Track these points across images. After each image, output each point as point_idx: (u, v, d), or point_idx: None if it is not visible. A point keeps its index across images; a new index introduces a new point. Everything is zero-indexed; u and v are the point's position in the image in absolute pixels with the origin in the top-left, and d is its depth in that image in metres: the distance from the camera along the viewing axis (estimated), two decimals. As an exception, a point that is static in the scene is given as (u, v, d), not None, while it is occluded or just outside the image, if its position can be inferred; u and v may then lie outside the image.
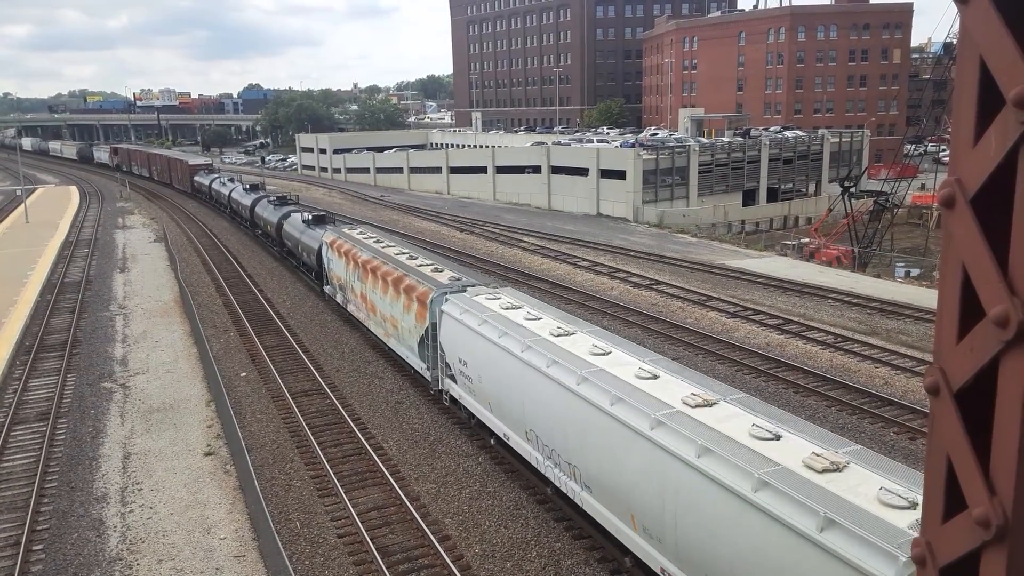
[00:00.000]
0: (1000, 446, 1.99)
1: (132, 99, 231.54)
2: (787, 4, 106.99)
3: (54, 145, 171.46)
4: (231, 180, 65.43)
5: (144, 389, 26.40)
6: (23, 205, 70.42)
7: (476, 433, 21.57)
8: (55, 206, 78.03)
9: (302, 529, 17.22)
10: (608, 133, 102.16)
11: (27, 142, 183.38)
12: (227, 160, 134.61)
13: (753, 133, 76.63)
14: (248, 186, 59.19)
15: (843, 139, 77.25)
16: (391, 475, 19.30)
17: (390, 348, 27.24)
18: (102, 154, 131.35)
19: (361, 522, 17.09)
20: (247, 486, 18.93)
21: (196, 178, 77.29)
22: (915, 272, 46.80)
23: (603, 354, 16.17)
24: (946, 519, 2.23)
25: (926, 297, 34.26)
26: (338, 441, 21.63)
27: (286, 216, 44.68)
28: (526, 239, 52.66)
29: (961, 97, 2.09)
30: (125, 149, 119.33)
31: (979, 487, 2.03)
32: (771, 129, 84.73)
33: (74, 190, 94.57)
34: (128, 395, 25.91)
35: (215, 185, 68.71)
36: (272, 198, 51.29)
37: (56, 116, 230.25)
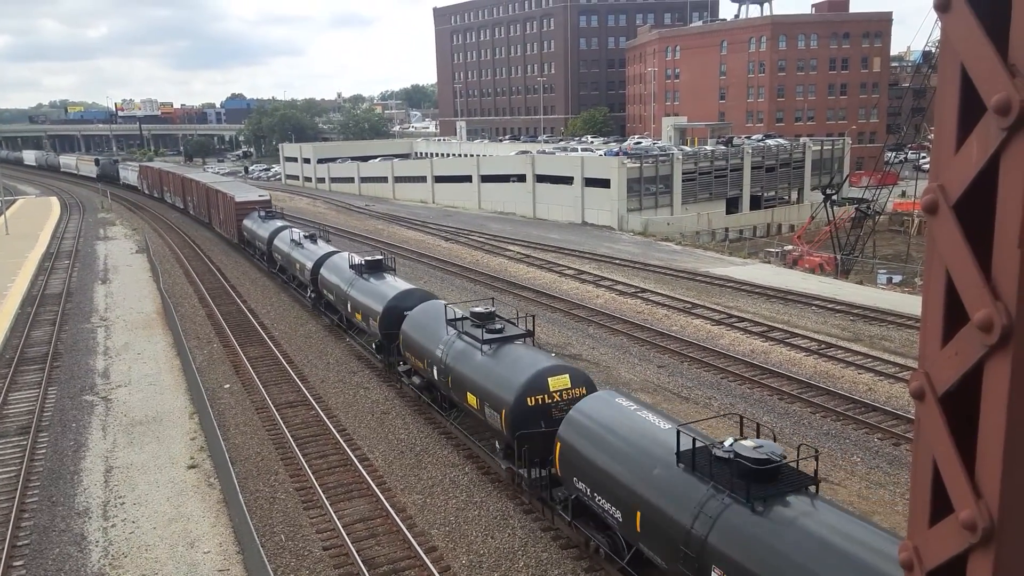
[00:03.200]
0: (985, 449, 2.01)
1: (114, 109, 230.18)
2: (768, 14, 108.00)
3: (67, 160, 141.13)
4: (312, 239, 38.28)
5: (126, 402, 26.12)
6: (3, 217, 69.68)
7: (462, 443, 21.50)
8: (35, 217, 77.29)
9: (287, 542, 17.07)
10: (592, 142, 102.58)
11: (31, 155, 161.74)
12: (209, 170, 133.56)
13: (736, 141, 77.16)
14: (363, 262, 29.84)
15: (824, 147, 77.95)
16: (377, 486, 19.18)
17: None
18: (129, 173, 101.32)
19: (347, 534, 16.97)
20: (231, 499, 18.76)
21: (246, 223, 49.35)
22: (897, 278, 47.23)
23: None
24: (933, 523, 2.24)
25: (908, 303, 34.54)
26: (323, 452, 21.48)
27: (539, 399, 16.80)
28: (511, 248, 52.67)
29: (943, 104, 2.12)
30: (156, 170, 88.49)
31: (965, 490, 2.05)
32: (753, 137, 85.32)
33: (55, 201, 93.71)
34: (110, 408, 25.63)
35: (282, 244, 40.83)
36: (463, 318, 21.18)
37: (36, 127, 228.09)
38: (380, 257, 30.48)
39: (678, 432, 12.82)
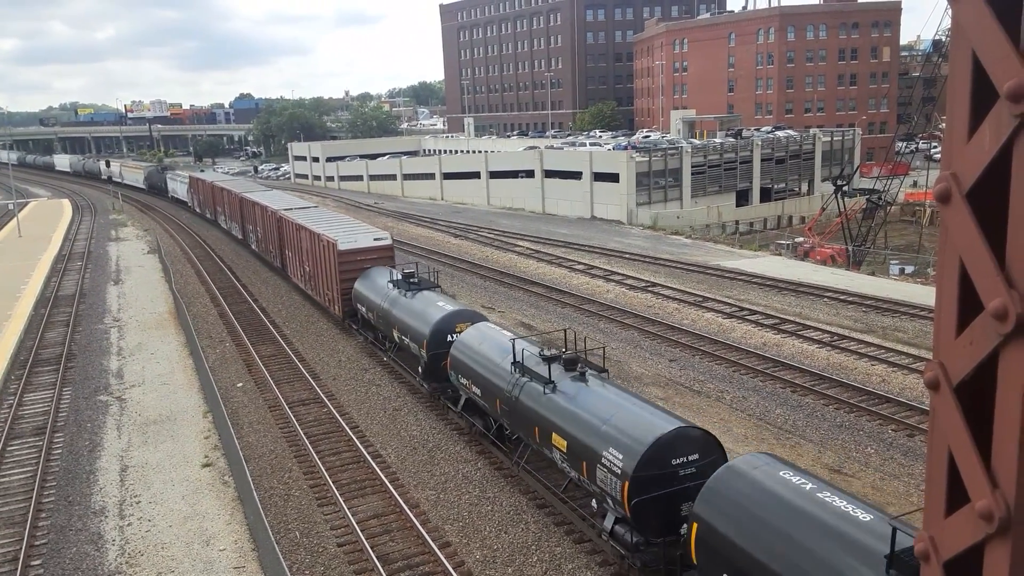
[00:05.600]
0: (1001, 439, 1.99)
1: (123, 111, 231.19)
2: (776, 4, 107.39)
3: (109, 167, 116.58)
4: (567, 363, 17.33)
5: (140, 401, 26.29)
6: (15, 219, 70.18)
7: (475, 439, 21.56)
8: (48, 220, 77.80)
9: (302, 539, 17.15)
10: (600, 136, 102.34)
11: (64, 160, 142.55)
12: (220, 170, 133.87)
13: (745, 133, 76.79)
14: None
15: (835, 138, 77.48)
16: (390, 482, 19.25)
17: None
18: (178, 185, 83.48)
19: (361, 530, 17.04)
20: (246, 496, 18.86)
21: (361, 289, 30.19)
22: (909, 269, 46.95)
23: None
24: (949, 513, 2.23)
25: (921, 294, 34.35)
26: (336, 449, 21.57)
27: None
28: (521, 244, 52.65)
29: (954, 92, 2.10)
30: (207, 185, 67.80)
31: (981, 480, 2.04)
32: (763, 129, 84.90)
33: (67, 203, 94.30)
34: (124, 408, 25.81)
35: (485, 369, 19.80)
36: None
37: (47, 129, 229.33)
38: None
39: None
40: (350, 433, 22.39)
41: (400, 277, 28.05)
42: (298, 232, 37.56)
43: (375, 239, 33.13)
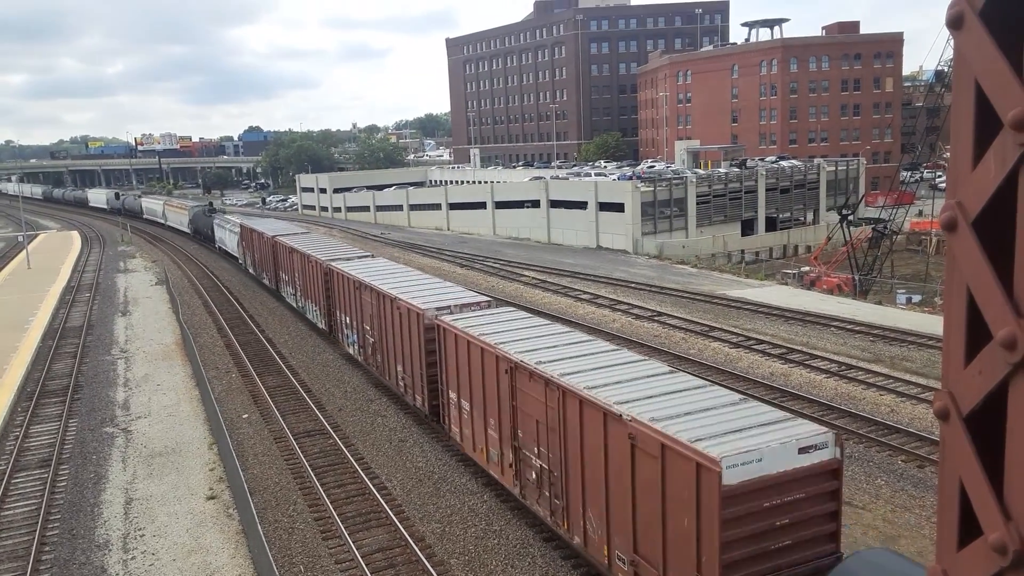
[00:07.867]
0: (1013, 470, 1.97)
1: (134, 144, 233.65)
2: (778, 36, 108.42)
3: (152, 205, 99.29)
4: None
5: (146, 433, 26.23)
6: (25, 251, 70.65)
7: (481, 470, 21.40)
8: (57, 252, 78.30)
9: (306, 573, 16.98)
10: (605, 166, 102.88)
11: (100, 196, 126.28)
12: (228, 202, 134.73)
13: (749, 163, 77.14)
14: None
15: (839, 167, 77.76)
16: (395, 515, 19.08)
17: None
18: (226, 235, 64.21)
19: (366, 564, 16.86)
20: (250, 530, 18.71)
21: None
22: (916, 298, 46.77)
23: None
24: (961, 546, 2.19)
25: (929, 323, 34.18)
26: (341, 482, 21.43)
27: None
28: (527, 273, 52.72)
29: (958, 121, 2.11)
30: (268, 240, 47.49)
31: (994, 512, 2.01)
32: (767, 159, 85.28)
33: (75, 235, 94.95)
34: (130, 440, 25.73)
35: None
36: None
37: (58, 162, 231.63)
38: None
39: None
40: (355, 465, 22.25)
41: None
42: (530, 380, 16.68)
43: (802, 446, 12.21)
